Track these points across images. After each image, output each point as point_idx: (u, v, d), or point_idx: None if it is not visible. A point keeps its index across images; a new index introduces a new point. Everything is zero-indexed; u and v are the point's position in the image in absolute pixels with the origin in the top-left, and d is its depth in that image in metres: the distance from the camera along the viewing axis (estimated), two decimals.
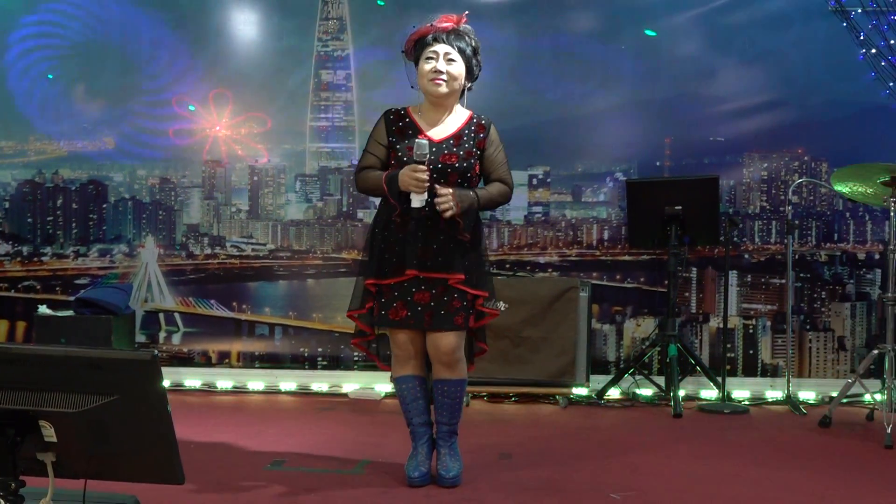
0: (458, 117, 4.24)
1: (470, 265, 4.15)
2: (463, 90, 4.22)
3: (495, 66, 6.61)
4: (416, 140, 4.07)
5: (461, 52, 4.13)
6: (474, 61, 4.20)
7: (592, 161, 6.99)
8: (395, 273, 4.13)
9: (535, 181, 6.89)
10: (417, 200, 4.04)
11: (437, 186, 4.06)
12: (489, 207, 4.39)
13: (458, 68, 4.13)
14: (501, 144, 4.26)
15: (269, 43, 7.00)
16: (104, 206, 7.04)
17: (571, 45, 6.82)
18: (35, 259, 7.00)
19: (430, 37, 4.15)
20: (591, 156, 6.98)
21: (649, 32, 6.74)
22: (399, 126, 4.21)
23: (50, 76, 6.98)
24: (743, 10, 6.70)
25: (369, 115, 6.94)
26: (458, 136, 4.18)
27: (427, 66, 4.12)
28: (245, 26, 6.97)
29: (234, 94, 6.93)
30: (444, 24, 4.16)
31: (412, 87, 4.25)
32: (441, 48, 4.12)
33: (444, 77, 4.10)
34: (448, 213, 4.03)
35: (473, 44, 4.19)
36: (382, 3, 6.81)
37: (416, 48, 4.20)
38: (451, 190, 4.05)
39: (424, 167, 4.01)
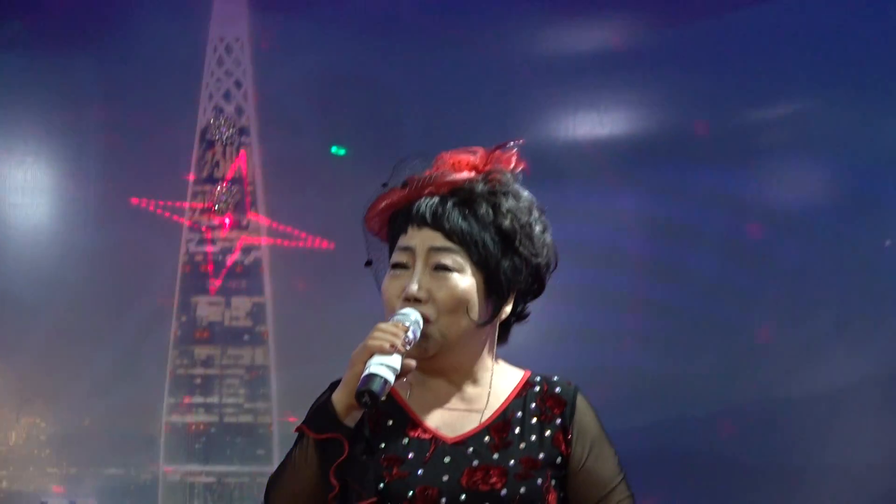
0: (497, 384, 1.39)
1: None
2: (504, 326, 1.40)
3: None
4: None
5: (474, 242, 1.30)
6: (516, 260, 1.32)
7: None
8: None
9: None
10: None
11: None
12: None
13: (460, 284, 1.30)
14: (603, 431, 1.39)
15: None
16: None
17: None
18: None
19: (402, 212, 1.36)
20: None
21: None
22: (373, 416, 1.32)
23: None
24: None
25: None
26: (503, 426, 1.35)
27: (391, 290, 1.34)
28: None
29: None
30: (447, 178, 1.33)
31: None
32: (420, 239, 1.32)
33: (422, 313, 1.30)
34: None
35: (521, 218, 1.33)
36: None
37: (389, 229, 1.39)
38: None
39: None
